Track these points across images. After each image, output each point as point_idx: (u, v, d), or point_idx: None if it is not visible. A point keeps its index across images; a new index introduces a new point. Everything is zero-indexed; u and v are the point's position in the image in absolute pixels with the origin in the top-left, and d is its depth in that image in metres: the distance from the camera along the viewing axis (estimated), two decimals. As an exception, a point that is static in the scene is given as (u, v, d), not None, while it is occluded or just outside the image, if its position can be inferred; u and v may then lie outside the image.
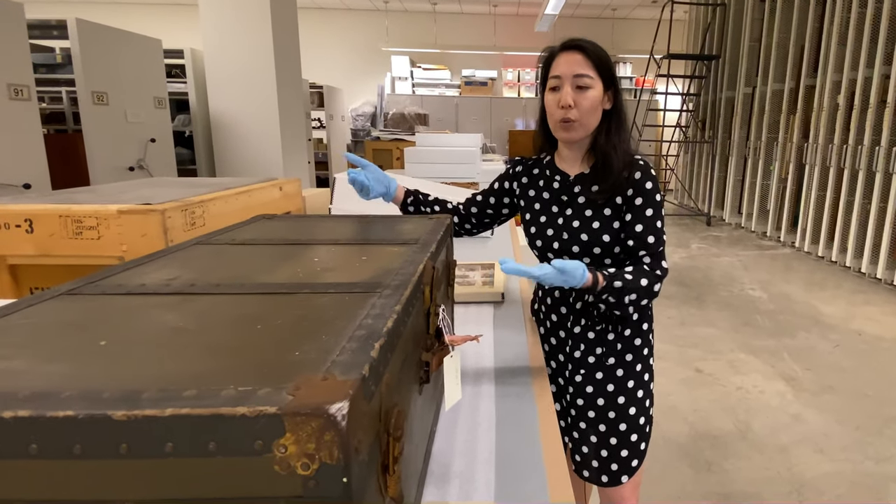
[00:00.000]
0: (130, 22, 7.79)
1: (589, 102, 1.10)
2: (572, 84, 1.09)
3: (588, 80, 1.09)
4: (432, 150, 3.55)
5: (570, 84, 1.09)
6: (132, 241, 1.43)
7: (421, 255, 0.77)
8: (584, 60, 1.10)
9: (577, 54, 1.10)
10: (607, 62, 1.12)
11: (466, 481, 0.75)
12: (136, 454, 0.36)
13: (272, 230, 0.96)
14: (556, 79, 1.11)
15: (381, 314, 0.54)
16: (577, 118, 1.10)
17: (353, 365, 0.42)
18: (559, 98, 1.10)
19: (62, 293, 0.59)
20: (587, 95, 1.10)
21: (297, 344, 0.46)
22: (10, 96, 2.46)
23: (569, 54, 1.11)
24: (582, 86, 1.09)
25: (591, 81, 1.09)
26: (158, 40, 3.56)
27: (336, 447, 0.36)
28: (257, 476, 0.36)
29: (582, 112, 1.10)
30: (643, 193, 1.10)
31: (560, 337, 1.26)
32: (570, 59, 1.10)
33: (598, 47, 1.12)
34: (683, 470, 2.18)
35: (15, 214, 1.42)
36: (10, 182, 2.42)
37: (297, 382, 0.38)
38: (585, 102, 1.10)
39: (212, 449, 0.36)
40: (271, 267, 0.73)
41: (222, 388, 0.38)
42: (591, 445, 1.20)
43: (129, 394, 0.37)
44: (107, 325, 0.51)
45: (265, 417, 0.35)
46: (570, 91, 1.09)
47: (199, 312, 0.54)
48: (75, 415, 0.35)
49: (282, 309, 0.55)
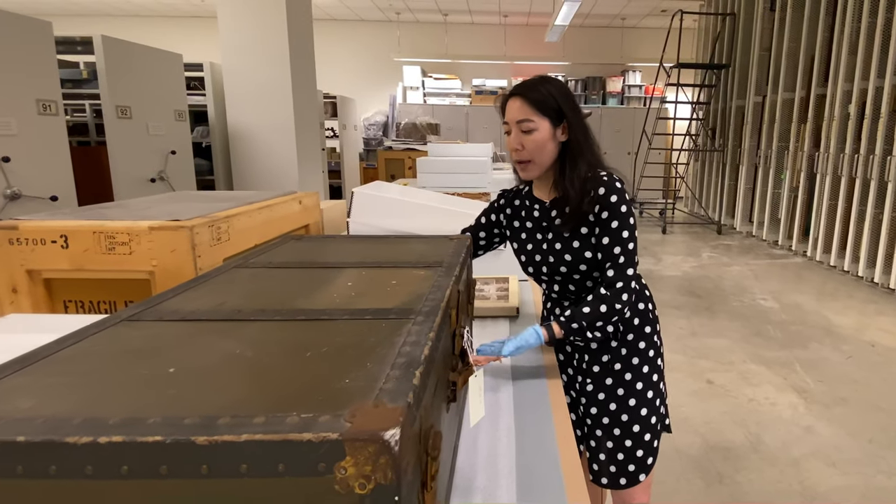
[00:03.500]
0: (150, 34, 7.96)
1: (534, 144, 1.19)
2: (518, 129, 1.19)
3: (529, 123, 1.18)
4: (444, 160, 3.61)
5: (517, 129, 1.19)
6: (162, 256, 1.49)
7: (447, 280, 0.82)
8: (523, 106, 1.18)
9: (518, 101, 1.19)
10: (549, 102, 1.18)
11: (489, 492, 0.79)
12: (215, 474, 0.40)
13: (303, 252, 1.01)
14: (506, 124, 1.22)
15: (418, 341, 0.58)
16: (528, 158, 1.20)
17: (399, 393, 0.47)
18: (510, 141, 1.21)
19: (123, 319, 0.64)
20: (532, 138, 1.19)
21: (345, 371, 0.51)
22: (39, 111, 2.55)
23: (512, 101, 1.20)
24: (525, 130, 1.18)
25: (532, 125, 1.18)
26: (179, 55, 3.66)
27: (390, 469, 0.41)
28: (320, 495, 0.41)
29: (530, 152, 1.19)
30: (608, 207, 1.17)
31: (567, 351, 1.34)
32: (513, 107, 1.19)
33: (541, 88, 1.19)
34: (695, 482, 2.20)
35: (51, 230, 1.48)
36: (39, 194, 2.50)
37: (353, 410, 0.43)
38: (531, 144, 1.19)
39: (281, 470, 0.40)
40: (308, 291, 0.78)
41: (287, 415, 0.43)
42: (607, 451, 1.26)
43: (207, 420, 0.42)
44: (171, 353, 0.56)
45: (328, 443, 0.40)
46: (519, 135, 1.19)
47: (252, 340, 0.59)
48: (163, 440, 0.40)
49: (326, 335, 0.60)
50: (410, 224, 2.05)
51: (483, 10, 9.19)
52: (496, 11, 9.24)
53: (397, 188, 2.59)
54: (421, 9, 9.13)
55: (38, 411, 0.45)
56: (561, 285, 1.28)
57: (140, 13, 9.38)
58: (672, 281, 5.07)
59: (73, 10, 8.99)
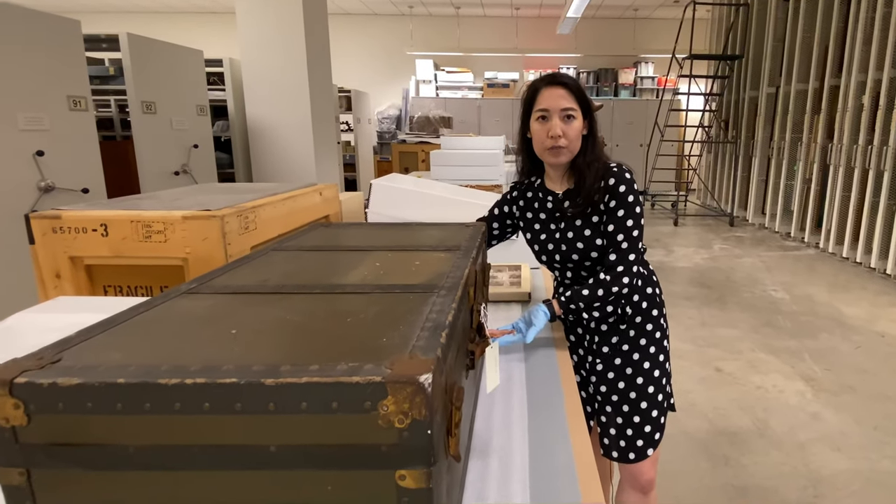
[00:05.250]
0: (170, 31, 8.08)
1: (574, 132, 1.27)
2: (560, 116, 1.25)
3: (572, 112, 1.25)
4: (456, 153, 3.68)
5: (558, 116, 1.25)
6: (195, 243, 1.58)
7: (465, 261, 0.90)
8: (567, 95, 1.26)
9: (562, 89, 1.26)
10: (585, 95, 1.29)
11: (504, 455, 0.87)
12: (280, 411, 0.49)
13: (331, 237, 1.10)
14: (543, 111, 1.27)
15: (442, 310, 0.67)
16: (566, 145, 1.26)
17: (429, 349, 0.55)
18: (549, 128, 1.26)
19: (183, 292, 0.73)
20: (573, 126, 1.26)
21: (382, 333, 0.60)
22: (70, 107, 2.66)
23: (554, 89, 1.26)
24: (568, 117, 1.26)
25: (574, 113, 1.26)
26: (200, 51, 3.76)
27: (424, 406, 0.49)
28: (366, 428, 0.49)
29: (569, 140, 1.26)
30: (616, 196, 1.25)
31: (578, 333, 1.42)
32: (556, 94, 1.26)
33: (577, 82, 1.29)
34: (701, 464, 2.27)
35: (92, 219, 1.59)
36: (71, 187, 2.62)
37: (392, 360, 0.52)
38: (572, 132, 1.26)
39: (334, 408, 0.49)
40: (341, 270, 0.86)
41: (337, 364, 0.51)
42: (617, 427, 1.34)
43: (271, 367, 0.51)
44: (230, 318, 0.65)
45: (373, 384, 0.49)
46: (560, 122, 1.25)
47: (297, 309, 0.68)
48: (237, 381, 0.49)
49: (362, 305, 0.69)
50: (427, 214, 2.13)
51: (495, 3, 9.21)
52: (508, 4, 9.25)
53: (413, 180, 2.67)
54: (433, 2, 9.18)
55: (129, 361, 0.54)
56: (573, 272, 1.36)
57: (160, 10, 9.52)
58: (683, 272, 5.11)
59: (93, 8, 9.15)
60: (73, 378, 0.49)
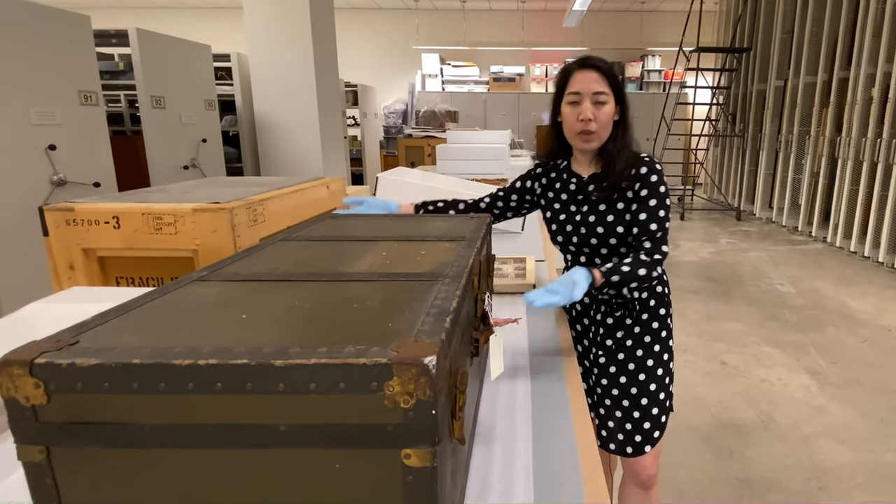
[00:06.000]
0: (178, 26, 8.11)
1: (606, 117, 1.25)
2: (591, 100, 1.24)
3: (604, 96, 1.24)
4: (462, 147, 3.69)
5: (590, 100, 1.24)
6: (204, 235, 1.61)
7: (469, 251, 0.92)
8: (600, 79, 1.24)
9: (594, 73, 1.25)
10: (618, 80, 1.27)
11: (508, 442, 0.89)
12: (289, 391, 0.51)
13: (339, 228, 1.12)
14: (575, 94, 1.25)
15: (446, 297, 0.68)
16: (596, 130, 1.25)
17: (433, 333, 0.57)
18: (579, 112, 1.25)
19: (194, 280, 0.75)
20: (604, 110, 1.25)
21: (388, 318, 0.61)
22: (81, 102, 2.69)
23: (586, 72, 1.25)
24: (599, 101, 1.24)
25: (606, 97, 1.25)
26: (208, 46, 3.79)
27: (428, 388, 0.51)
28: (372, 408, 0.51)
29: (600, 125, 1.25)
30: (648, 185, 1.24)
31: (584, 324, 1.42)
32: (588, 77, 1.24)
33: (611, 66, 1.27)
34: (705, 456, 2.28)
35: (104, 212, 1.61)
36: (83, 181, 2.65)
37: (398, 343, 0.53)
38: (603, 117, 1.25)
39: (342, 388, 0.51)
40: (348, 259, 0.88)
41: (345, 346, 0.53)
42: (616, 420, 1.34)
43: (281, 349, 0.52)
44: (242, 304, 0.67)
45: (379, 366, 0.50)
46: (590, 106, 1.24)
47: (306, 296, 0.69)
48: (248, 362, 0.51)
49: (369, 293, 0.70)
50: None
51: (501, -3, 9.18)
52: (514, -3, 9.22)
53: (419, 174, 2.69)
54: (439, -4, 9.16)
55: (143, 343, 0.56)
56: (588, 257, 1.35)
57: (168, 5, 9.55)
58: (689, 266, 5.10)
59: (103, 3, 9.19)
60: (90, 359, 0.51)
